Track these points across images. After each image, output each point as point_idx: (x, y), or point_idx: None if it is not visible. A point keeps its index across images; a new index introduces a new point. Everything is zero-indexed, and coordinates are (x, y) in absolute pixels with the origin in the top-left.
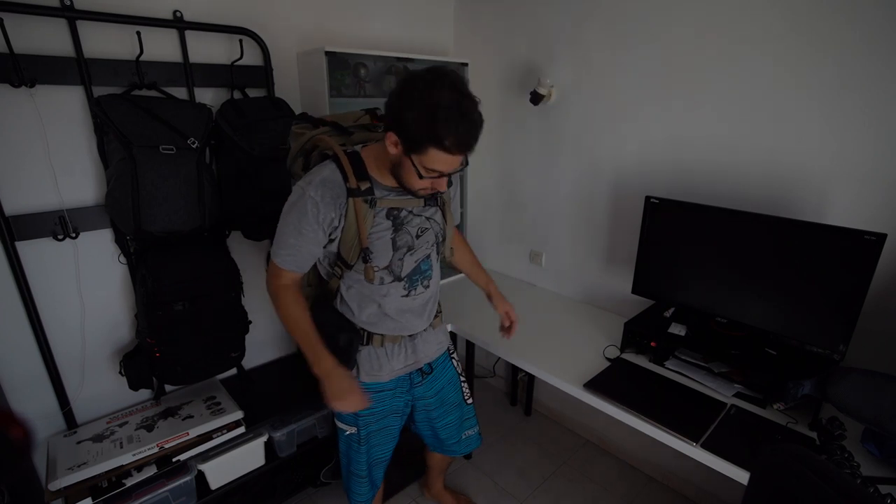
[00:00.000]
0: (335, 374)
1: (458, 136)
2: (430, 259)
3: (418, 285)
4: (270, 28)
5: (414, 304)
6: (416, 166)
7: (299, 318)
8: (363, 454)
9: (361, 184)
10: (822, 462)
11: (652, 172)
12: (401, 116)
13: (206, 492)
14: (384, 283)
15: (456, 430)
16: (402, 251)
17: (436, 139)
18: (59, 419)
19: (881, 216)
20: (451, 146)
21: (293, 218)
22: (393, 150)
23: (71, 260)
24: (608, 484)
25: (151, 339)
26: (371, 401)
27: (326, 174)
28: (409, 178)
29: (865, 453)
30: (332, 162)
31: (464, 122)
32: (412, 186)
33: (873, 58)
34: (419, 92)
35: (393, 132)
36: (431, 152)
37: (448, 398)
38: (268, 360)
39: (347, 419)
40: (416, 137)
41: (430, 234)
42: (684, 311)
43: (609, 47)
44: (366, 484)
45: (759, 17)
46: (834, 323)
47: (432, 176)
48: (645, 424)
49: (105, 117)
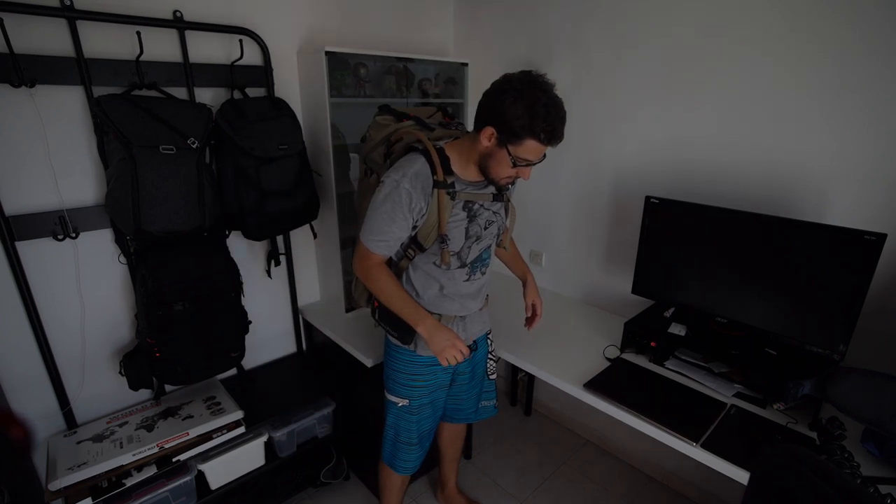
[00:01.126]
0: (437, 330)
1: (553, 129)
2: (490, 249)
3: (477, 271)
4: (270, 28)
5: (472, 288)
6: (512, 156)
7: (396, 290)
8: (414, 424)
9: (448, 177)
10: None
11: (652, 172)
12: (501, 110)
13: (206, 492)
14: (451, 268)
15: (475, 401)
16: (472, 239)
17: (533, 131)
18: (59, 419)
19: (881, 216)
20: (545, 138)
21: (388, 206)
22: (486, 143)
23: (71, 260)
24: (608, 484)
25: (151, 339)
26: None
27: (419, 167)
28: (499, 168)
29: (865, 453)
30: (421, 156)
31: (558, 117)
32: (499, 176)
33: (873, 58)
34: (519, 91)
35: (490, 126)
36: (527, 143)
37: (478, 372)
38: (268, 360)
39: (399, 392)
40: (516, 130)
41: (495, 227)
42: (684, 311)
43: (609, 47)
44: (416, 450)
45: (758, 17)
46: (834, 323)
47: (522, 165)
48: (645, 424)
49: (105, 117)
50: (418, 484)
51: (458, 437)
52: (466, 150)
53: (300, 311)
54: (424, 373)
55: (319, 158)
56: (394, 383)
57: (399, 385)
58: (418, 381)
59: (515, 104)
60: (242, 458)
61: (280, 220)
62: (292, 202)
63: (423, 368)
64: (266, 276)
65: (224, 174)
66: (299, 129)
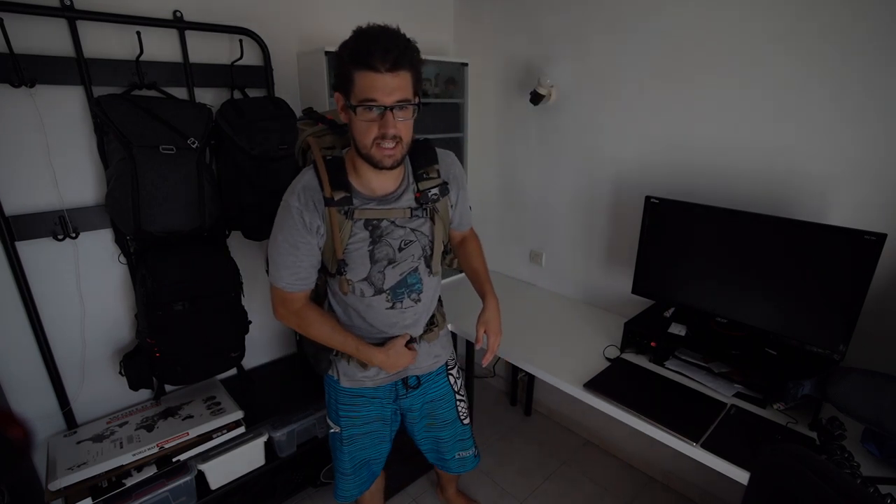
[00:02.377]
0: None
1: (369, 45)
2: (417, 272)
3: (405, 298)
4: (270, 28)
5: (403, 316)
6: (355, 107)
7: (332, 331)
8: (346, 454)
9: (336, 193)
10: (822, 462)
11: (652, 172)
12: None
13: (206, 492)
14: (365, 296)
15: (450, 448)
16: (383, 263)
17: (353, 59)
18: (59, 419)
19: (881, 216)
20: (375, 62)
21: (284, 235)
22: (344, 118)
23: (71, 260)
24: (608, 484)
25: (151, 339)
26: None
27: (306, 181)
28: (359, 133)
29: (865, 453)
30: (311, 169)
31: (383, 34)
32: (364, 143)
33: (875, 57)
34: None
35: (336, 92)
36: (359, 78)
37: (439, 414)
38: (268, 360)
39: (332, 417)
40: (345, 71)
41: (416, 247)
42: (684, 311)
43: (609, 47)
44: (350, 481)
45: (759, 16)
46: (834, 323)
47: (371, 109)
48: (645, 424)
49: (105, 117)
50: (417, 485)
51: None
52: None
53: None
54: (351, 402)
55: None
56: (328, 407)
57: (331, 410)
58: (348, 410)
59: (340, 49)
60: (242, 458)
61: None
62: None
63: (348, 398)
64: (266, 276)
65: (224, 174)
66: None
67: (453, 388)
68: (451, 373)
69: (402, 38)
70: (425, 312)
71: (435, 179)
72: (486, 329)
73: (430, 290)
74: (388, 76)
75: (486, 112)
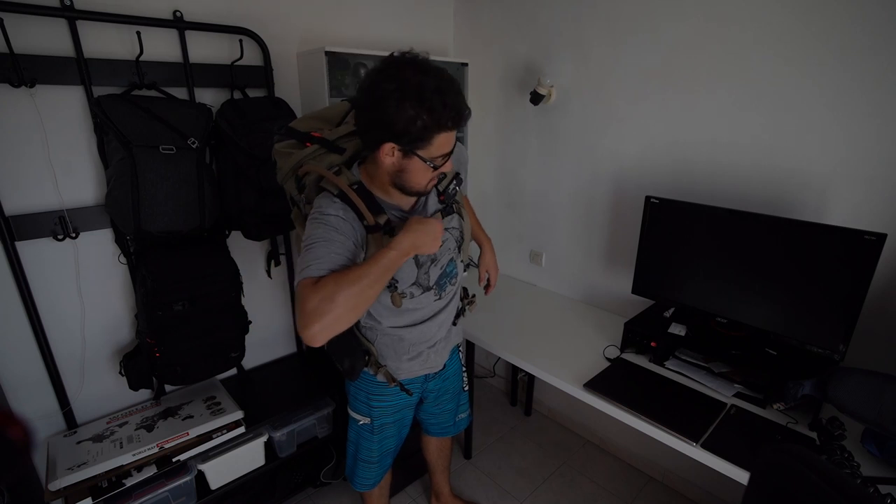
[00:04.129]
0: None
1: (458, 110)
2: (453, 260)
3: (447, 286)
4: (270, 28)
5: (446, 300)
6: (426, 160)
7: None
8: (375, 443)
9: (379, 218)
10: (822, 462)
11: (652, 172)
12: (388, 122)
13: (206, 492)
14: (415, 296)
15: (452, 416)
16: (427, 265)
17: (438, 124)
18: (59, 419)
19: (881, 216)
20: (452, 124)
21: (318, 232)
22: (389, 160)
23: (71, 260)
24: (608, 484)
25: (151, 339)
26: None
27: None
28: (417, 177)
29: (865, 453)
30: (331, 198)
31: (453, 93)
32: (420, 185)
33: (876, 57)
34: (398, 90)
35: (386, 143)
36: (436, 139)
37: (452, 387)
38: (268, 360)
39: (361, 410)
40: (419, 133)
41: (451, 241)
42: (684, 311)
43: (609, 47)
44: (375, 469)
45: (760, 16)
46: (834, 323)
47: (440, 163)
48: (645, 424)
49: (105, 117)
50: (417, 485)
51: (445, 447)
52: (377, 174)
53: None
54: (387, 392)
55: None
56: (355, 400)
57: (360, 403)
58: (380, 400)
59: (402, 107)
60: (242, 458)
61: (280, 219)
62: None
63: (384, 388)
64: (266, 276)
65: (224, 174)
66: None
67: (461, 361)
68: (460, 350)
69: (462, 96)
70: (457, 294)
71: (449, 174)
72: (488, 269)
73: (459, 272)
74: (454, 130)
75: (485, 112)
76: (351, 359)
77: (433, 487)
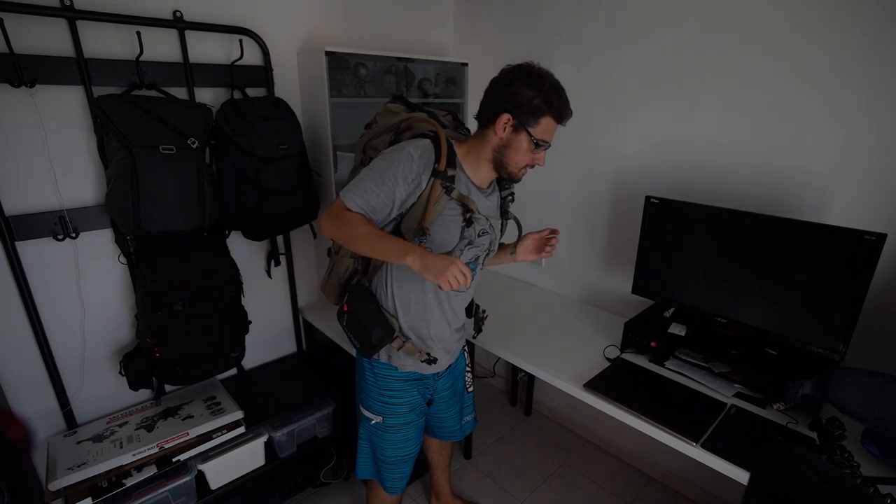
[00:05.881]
0: (429, 255)
1: (564, 104)
2: (479, 260)
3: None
4: (270, 28)
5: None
6: (533, 137)
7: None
8: (389, 443)
9: (450, 170)
10: (822, 462)
11: (652, 172)
12: (513, 94)
13: (206, 492)
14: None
15: (457, 419)
16: (465, 242)
17: (549, 107)
18: (59, 419)
19: (881, 216)
20: (558, 115)
21: (382, 165)
22: (501, 133)
23: (71, 260)
24: (608, 484)
25: (151, 339)
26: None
27: (426, 145)
28: (517, 156)
29: (865, 453)
30: (425, 140)
31: (562, 92)
32: (517, 165)
33: (876, 57)
34: (524, 76)
35: (505, 112)
36: (543, 121)
37: (458, 388)
38: (268, 360)
39: (372, 408)
40: (533, 108)
41: (487, 239)
42: (684, 311)
43: (609, 47)
44: (404, 468)
45: (760, 16)
46: (834, 323)
47: (542, 147)
48: (645, 424)
49: (105, 117)
50: (417, 485)
51: (446, 446)
52: (476, 149)
53: (300, 310)
54: (401, 388)
55: (319, 158)
56: (367, 397)
57: (373, 400)
58: (394, 397)
59: (525, 87)
60: (242, 458)
61: (280, 219)
62: (292, 202)
63: (399, 384)
64: (266, 276)
65: (224, 174)
66: (299, 129)
67: (466, 360)
68: (465, 349)
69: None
70: (469, 296)
71: (509, 189)
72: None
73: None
74: (557, 127)
75: None
76: (382, 329)
77: (433, 486)
